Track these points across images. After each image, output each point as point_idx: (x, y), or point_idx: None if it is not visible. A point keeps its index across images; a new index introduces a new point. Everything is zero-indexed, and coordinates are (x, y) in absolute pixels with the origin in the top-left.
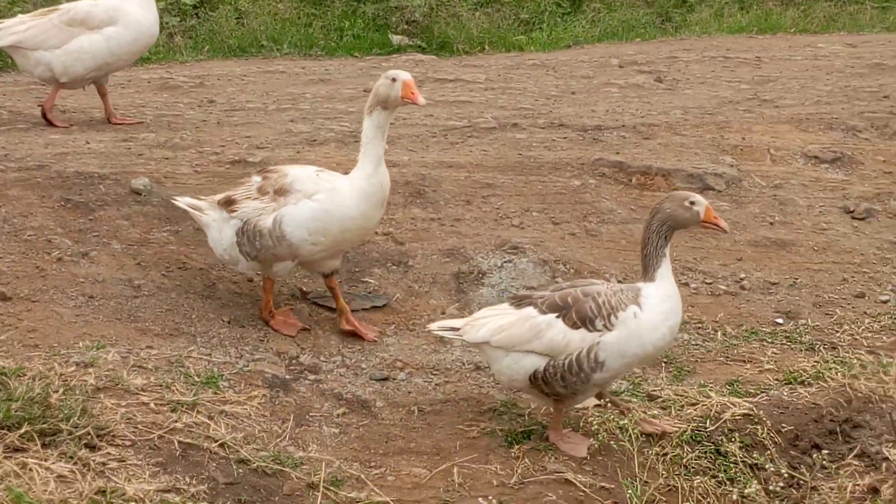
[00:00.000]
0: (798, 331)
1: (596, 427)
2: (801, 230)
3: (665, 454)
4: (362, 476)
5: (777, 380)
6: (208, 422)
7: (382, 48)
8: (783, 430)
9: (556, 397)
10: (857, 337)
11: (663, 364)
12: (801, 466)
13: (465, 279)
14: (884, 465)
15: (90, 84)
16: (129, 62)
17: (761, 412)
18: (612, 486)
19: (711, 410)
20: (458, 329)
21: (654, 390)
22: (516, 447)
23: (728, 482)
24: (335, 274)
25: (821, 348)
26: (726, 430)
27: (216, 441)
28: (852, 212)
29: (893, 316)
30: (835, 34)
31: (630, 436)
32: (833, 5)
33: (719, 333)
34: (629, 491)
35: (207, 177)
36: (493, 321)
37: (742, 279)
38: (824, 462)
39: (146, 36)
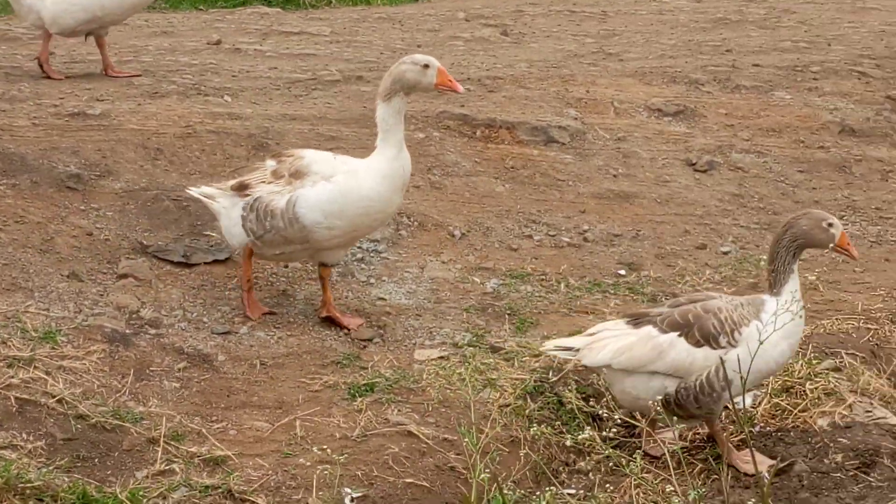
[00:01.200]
0: (640, 282)
1: (432, 378)
2: (643, 182)
3: (507, 405)
4: (203, 430)
5: None
6: (46, 377)
7: (228, 1)
8: None
9: (690, 417)
10: (698, 288)
11: (506, 315)
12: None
13: None
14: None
15: (88, 35)
16: (122, 18)
17: None
18: (455, 437)
19: (554, 362)
20: (574, 350)
21: (498, 342)
22: (359, 399)
23: (566, 431)
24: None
25: (662, 299)
26: (569, 381)
27: (54, 397)
28: (694, 164)
29: (734, 267)
30: None
31: (469, 386)
32: None
33: (562, 285)
34: (466, 440)
35: (45, 129)
36: (612, 343)
37: (585, 231)
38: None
39: None
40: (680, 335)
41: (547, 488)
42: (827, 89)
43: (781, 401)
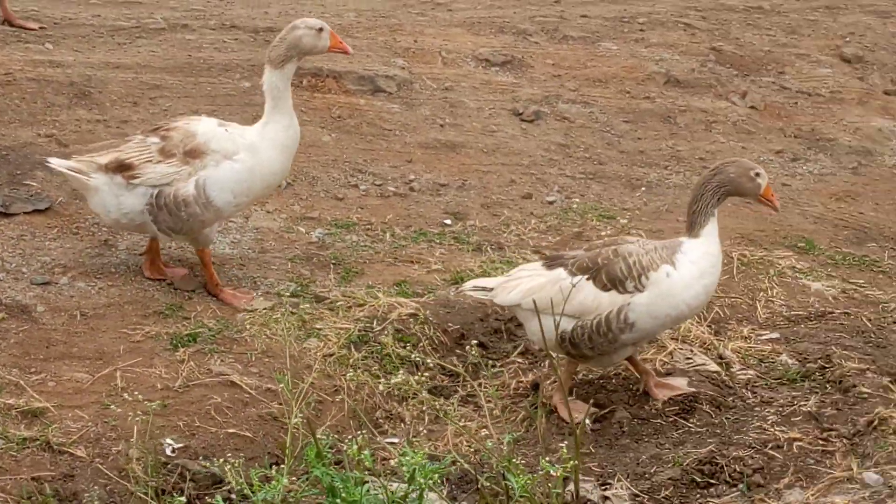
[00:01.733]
0: (466, 231)
1: (258, 330)
2: (470, 132)
3: (331, 354)
4: (21, 382)
5: (444, 280)
6: None
7: None
8: (449, 329)
9: (581, 359)
10: (523, 237)
11: (332, 265)
12: (467, 364)
13: None
14: (546, 361)
15: None
16: None
17: (428, 312)
18: (277, 386)
19: (379, 311)
20: (490, 289)
21: (322, 292)
22: (181, 350)
23: (384, 377)
24: None
25: (488, 248)
26: (393, 330)
27: None
28: (521, 114)
29: (559, 216)
30: None
31: (292, 336)
32: None
33: (388, 235)
34: (283, 388)
35: None
36: (524, 283)
37: (412, 181)
38: (489, 359)
39: None
40: (588, 278)
41: (359, 432)
42: (653, 40)
43: None
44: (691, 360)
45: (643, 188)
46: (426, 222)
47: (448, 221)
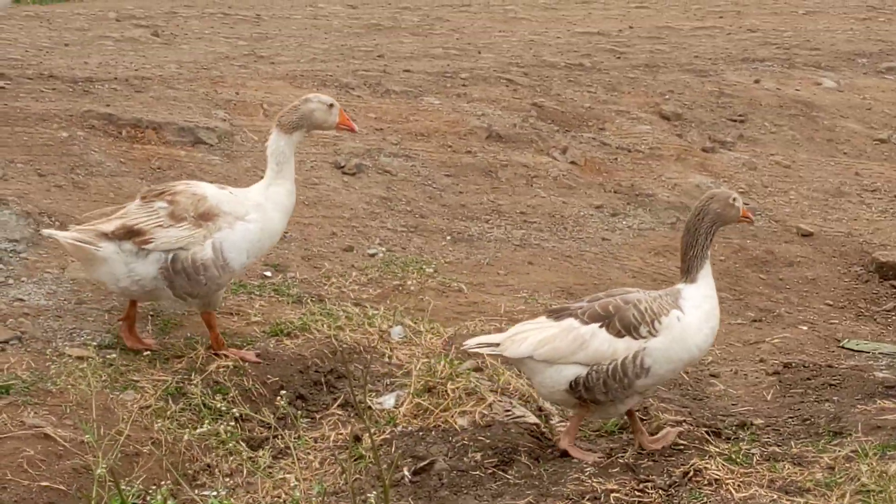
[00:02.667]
0: (286, 283)
1: (72, 381)
2: None
3: (148, 406)
4: None
5: (264, 332)
6: None
7: None
8: (268, 381)
9: (593, 404)
10: (344, 290)
11: (150, 316)
12: (287, 417)
13: None
14: (365, 413)
15: None
16: None
17: (246, 364)
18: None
19: (197, 363)
20: (496, 345)
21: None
22: None
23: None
24: None
25: (308, 301)
26: (211, 382)
27: None
28: (343, 167)
29: (380, 269)
30: None
31: (102, 388)
32: None
33: None
34: (91, 441)
35: None
36: (533, 335)
37: None
38: (308, 411)
39: None
40: (601, 326)
41: (163, 483)
42: (476, 95)
43: (423, 400)
44: (510, 412)
45: (464, 241)
46: (246, 274)
47: (268, 273)
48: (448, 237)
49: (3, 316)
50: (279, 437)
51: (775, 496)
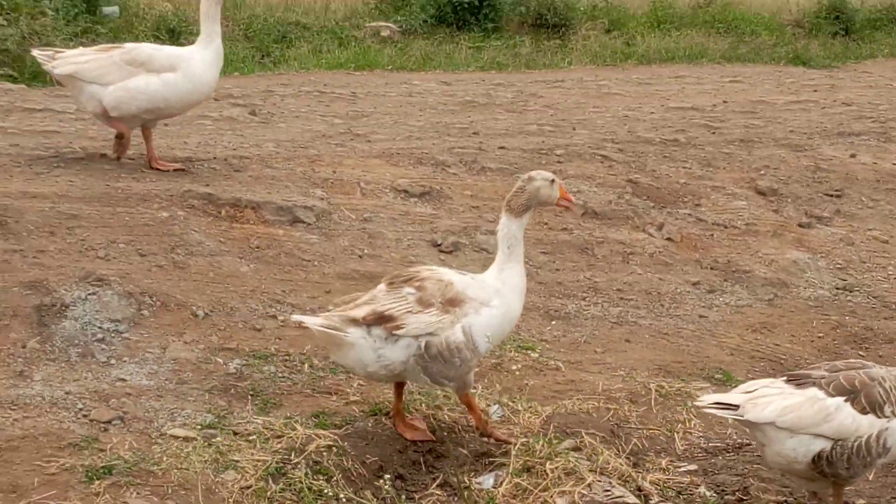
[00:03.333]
0: None
1: (173, 462)
2: (389, 263)
3: (248, 487)
4: None
5: (363, 411)
6: None
7: None
8: (367, 461)
9: (833, 479)
10: None
11: (249, 396)
12: (385, 497)
13: (47, 312)
14: (465, 493)
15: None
16: (181, 112)
17: (346, 443)
18: None
19: (297, 442)
20: (735, 406)
21: (240, 423)
22: (96, 483)
23: None
24: None
25: None
26: (311, 462)
27: None
28: (440, 245)
29: None
30: (430, 72)
31: (203, 468)
32: (430, 44)
33: (306, 366)
34: None
35: None
36: (777, 401)
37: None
38: (407, 491)
39: (201, 90)
40: (846, 400)
41: None
42: (571, 172)
43: (522, 480)
44: (610, 493)
45: (561, 319)
46: None
47: None
48: (545, 315)
49: (106, 396)
50: None
51: None
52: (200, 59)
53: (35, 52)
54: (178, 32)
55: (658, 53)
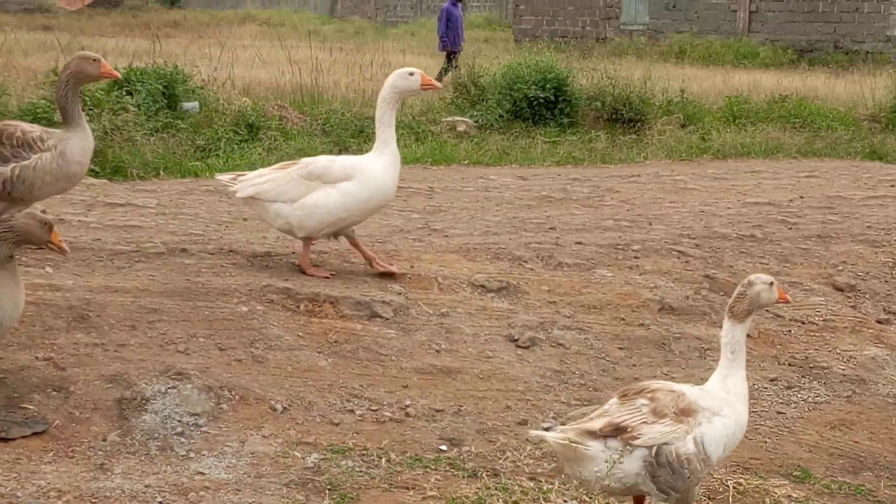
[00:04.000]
0: (461, 457)
1: None
2: (466, 358)
3: None
4: None
5: None
6: None
7: None
8: None
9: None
10: (519, 464)
11: (327, 491)
12: None
13: (127, 405)
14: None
15: (334, 237)
16: (363, 218)
17: None
18: None
19: None
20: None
21: None
22: None
23: None
24: None
25: (483, 475)
26: None
27: None
28: (517, 340)
29: None
30: (506, 166)
31: None
32: (506, 139)
33: (383, 460)
34: None
35: None
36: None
37: (407, 406)
38: None
39: (381, 195)
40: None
41: None
42: (647, 267)
43: None
44: None
45: None
46: (422, 448)
47: (443, 447)
48: None
49: (185, 489)
50: None
51: None
52: (378, 166)
53: (219, 177)
54: (256, 128)
55: (734, 148)
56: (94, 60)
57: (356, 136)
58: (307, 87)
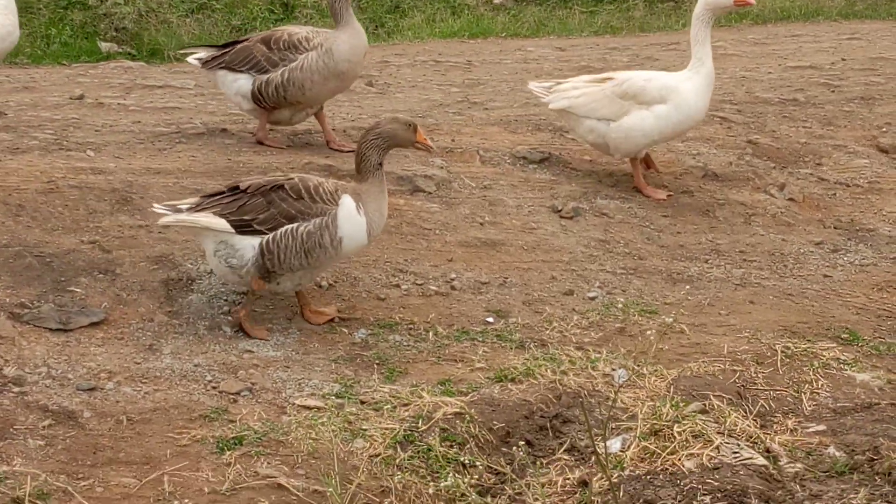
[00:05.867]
0: (508, 329)
1: (303, 432)
2: (510, 230)
3: (377, 455)
4: (69, 488)
5: (488, 378)
6: None
7: (91, 56)
8: (494, 428)
9: None
10: (566, 334)
11: (375, 365)
12: (513, 463)
13: (174, 286)
14: (593, 458)
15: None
16: (675, 139)
17: (473, 410)
18: (325, 488)
19: (424, 410)
20: None
21: (366, 392)
22: (228, 453)
23: (434, 479)
24: None
25: (531, 346)
26: (438, 430)
27: None
28: (560, 211)
29: (601, 312)
30: (544, 38)
31: (338, 437)
32: (543, 10)
33: (430, 334)
34: (330, 491)
35: None
36: None
37: (453, 279)
38: (535, 457)
39: (693, 119)
40: None
41: None
42: (690, 134)
43: (650, 444)
44: (738, 454)
45: (684, 282)
46: (468, 321)
47: (490, 319)
48: (667, 278)
49: (234, 368)
50: (506, 483)
51: None
52: (691, 88)
53: (532, 86)
54: (292, 6)
55: (773, 12)
56: None
57: (392, 12)
58: None
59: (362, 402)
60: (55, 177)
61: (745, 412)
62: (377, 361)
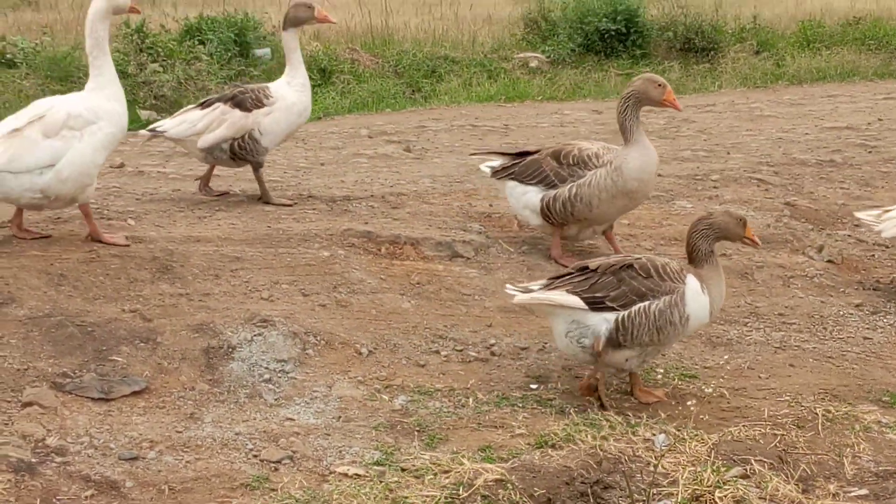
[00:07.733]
0: (548, 394)
1: (343, 499)
2: None
3: None
4: None
5: (529, 444)
6: None
7: (131, 124)
8: (535, 494)
9: None
10: (607, 398)
11: (416, 432)
12: None
13: (214, 354)
14: None
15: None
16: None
17: (514, 477)
18: None
19: (464, 477)
20: None
21: (407, 459)
22: None
23: None
24: None
25: (571, 411)
26: (479, 497)
27: None
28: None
29: (642, 376)
30: (580, 101)
31: None
32: (578, 73)
33: (471, 400)
34: None
35: None
36: None
37: (492, 345)
38: None
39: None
40: None
41: None
42: (727, 197)
43: None
44: None
45: (723, 345)
46: (508, 386)
47: (533, 385)
48: (707, 342)
49: (275, 436)
50: None
51: None
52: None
53: (859, 215)
54: (329, 72)
55: (809, 73)
56: (660, 86)
57: (428, 77)
58: (377, 28)
59: (403, 470)
60: (96, 246)
61: (787, 477)
62: (417, 428)
